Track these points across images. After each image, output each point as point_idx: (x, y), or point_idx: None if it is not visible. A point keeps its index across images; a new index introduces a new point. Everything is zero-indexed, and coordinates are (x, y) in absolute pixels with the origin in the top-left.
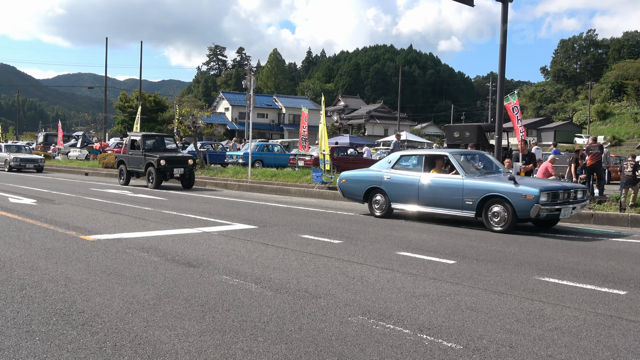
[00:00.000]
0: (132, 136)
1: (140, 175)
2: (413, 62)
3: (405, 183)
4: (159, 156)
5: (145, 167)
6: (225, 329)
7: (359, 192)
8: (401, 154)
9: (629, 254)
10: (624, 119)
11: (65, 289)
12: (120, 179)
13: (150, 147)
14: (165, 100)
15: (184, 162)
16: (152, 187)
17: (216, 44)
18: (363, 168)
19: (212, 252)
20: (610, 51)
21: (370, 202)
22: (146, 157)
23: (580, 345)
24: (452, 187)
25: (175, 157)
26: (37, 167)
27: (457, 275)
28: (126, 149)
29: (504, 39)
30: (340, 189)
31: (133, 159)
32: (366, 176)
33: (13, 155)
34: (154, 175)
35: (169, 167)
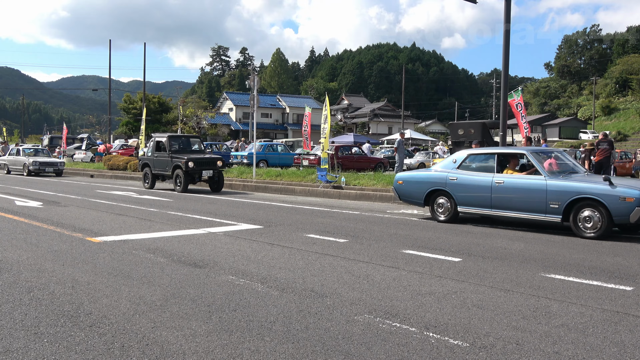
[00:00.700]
0: (157, 137)
1: (166, 178)
2: (416, 59)
3: (475, 184)
4: (186, 158)
5: (172, 169)
6: (232, 329)
7: (419, 195)
8: (469, 152)
9: (635, 250)
10: (629, 114)
11: (73, 291)
12: (145, 183)
13: (176, 149)
14: (169, 102)
15: (213, 163)
16: (179, 190)
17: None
18: (420, 169)
19: (218, 253)
20: (614, 46)
21: (432, 205)
22: (173, 159)
23: (587, 342)
24: (533, 188)
25: (203, 158)
26: (56, 170)
27: (463, 273)
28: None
29: (507, 36)
30: (396, 191)
31: (158, 162)
32: (428, 177)
33: (32, 159)
34: (181, 178)
35: (197, 170)
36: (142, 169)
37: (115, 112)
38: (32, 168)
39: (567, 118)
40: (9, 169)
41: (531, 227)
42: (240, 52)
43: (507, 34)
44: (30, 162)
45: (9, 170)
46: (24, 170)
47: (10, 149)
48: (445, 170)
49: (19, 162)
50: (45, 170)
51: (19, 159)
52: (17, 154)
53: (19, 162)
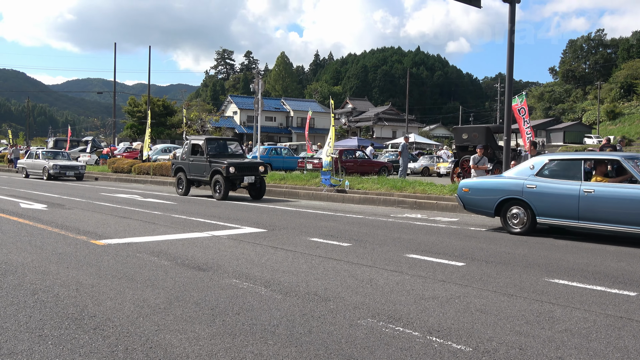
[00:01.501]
0: (194, 140)
1: (202, 184)
2: (421, 63)
3: (559, 193)
4: (227, 162)
5: (211, 175)
6: (236, 332)
7: (489, 204)
8: (549, 157)
9: (639, 255)
10: (634, 119)
11: (77, 294)
12: (179, 189)
13: (214, 153)
14: (174, 105)
15: (255, 168)
16: (219, 197)
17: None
18: (487, 175)
19: (222, 256)
20: (619, 51)
21: (505, 216)
22: (212, 163)
23: (590, 347)
24: (632, 199)
25: (245, 163)
26: (77, 174)
27: (466, 278)
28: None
29: (511, 40)
30: (462, 200)
31: (194, 166)
32: (500, 185)
33: (52, 163)
34: (221, 184)
35: (239, 175)
36: (175, 174)
37: (119, 115)
38: (52, 172)
39: (572, 123)
40: (27, 173)
41: (534, 232)
42: (245, 56)
43: (511, 36)
44: (50, 165)
45: (27, 174)
46: (43, 174)
47: (29, 152)
48: (521, 178)
49: (38, 165)
50: (66, 174)
51: (38, 163)
52: (36, 157)
53: (38, 165)
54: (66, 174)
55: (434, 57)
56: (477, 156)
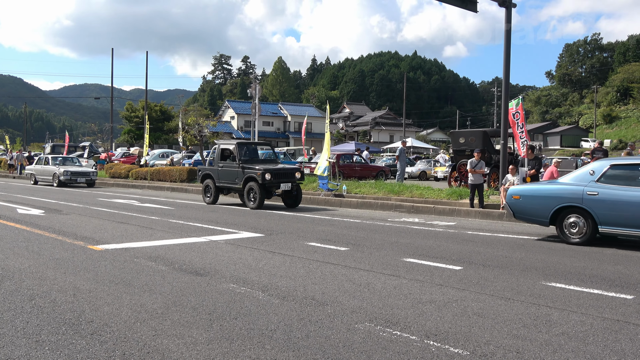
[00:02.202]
0: (223, 145)
1: (232, 191)
2: (418, 68)
3: (626, 201)
4: (263, 168)
5: (244, 182)
6: (233, 337)
7: (543, 213)
8: (611, 162)
9: (636, 258)
10: (631, 122)
11: (74, 299)
12: (206, 197)
13: (247, 158)
14: (171, 110)
15: (292, 174)
16: (253, 206)
17: (221, 53)
18: (539, 181)
19: (219, 261)
20: (615, 54)
21: (561, 225)
22: (245, 170)
23: (587, 350)
24: None
25: (282, 169)
26: (89, 181)
27: (464, 281)
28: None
29: (507, 44)
30: (512, 208)
31: (225, 173)
32: (555, 192)
33: (63, 169)
34: (256, 192)
35: (275, 182)
36: (202, 181)
37: (117, 120)
38: (63, 178)
39: (569, 126)
40: (36, 179)
41: (532, 235)
42: (242, 61)
43: (507, 40)
44: (61, 171)
45: (36, 180)
46: (53, 181)
47: (38, 157)
48: (580, 184)
49: (47, 171)
50: (77, 180)
51: (47, 169)
52: (45, 163)
53: (47, 171)
54: (77, 181)
55: (431, 62)
56: (475, 160)
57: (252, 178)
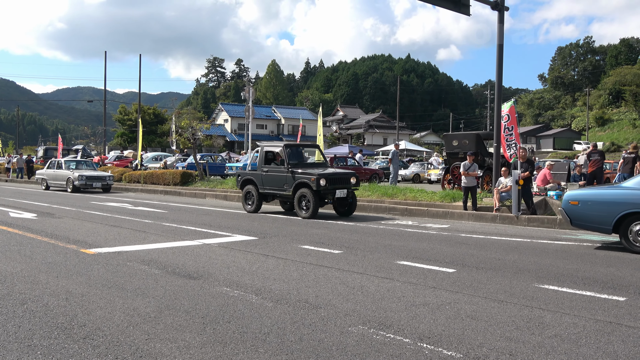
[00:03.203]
0: (268, 147)
1: (277, 198)
2: (411, 71)
3: None
4: (317, 173)
5: (294, 188)
6: (226, 340)
7: (605, 220)
8: None
9: (628, 260)
10: (623, 125)
11: (67, 303)
12: (247, 204)
13: (295, 162)
14: (165, 113)
15: (347, 180)
16: (306, 215)
17: (215, 56)
18: (599, 186)
19: (213, 264)
20: (607, 57)
21: (626, 233)
22: (295, 175)
23: (580, 352)
24: None
25: (337, 174)
26: (104, 186)
27: (457, 284)
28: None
29: (500, 47)
30: (569, 214)
31: (270, 178)
32: (620, 197)
33: (77, 173)
34: (310, 199)
35: (330, 189)
36: (242, 187)
37: (110, 123)
38: (77, 183)
39: (561, 129)
40: (48, 185)
41: (525, 237)
42: (236, 64)
43: (500, 44)
44: (75, 176)
45: (47, 185)
46: (67, 186)
47: (50, 161)
48: None
49: (60, 176)
50: (92, 185)
51: (60, 173)
52: (57, 167)
53: (60, 176)
54: (92, 186)
55: (424, 65)
56: (468, 163)
57: (304, 184)
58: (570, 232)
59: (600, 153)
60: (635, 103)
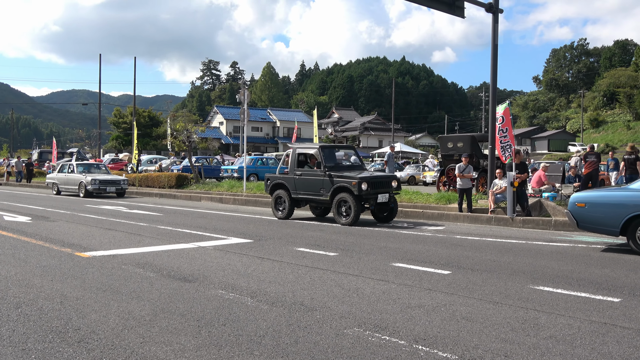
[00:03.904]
0: (301, 149)
1: (311, 203)
2: (406, 73)
3: None
4: (358, 177)
5: (332, 193)
6: (221, 343)
7: (613, 222)
8: None
9: (622, 261)
10: (617, 127)
11: (61, 307)
12: (278, 210)
13: (331, 164)
14: (160, 116)
15: (388, 184)
16: (347, 222)
17: (210, 59)
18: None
19: (208, 267)
20: (601, 59)
21: (634, 235)
22: (334, 178)
23: (575, 353)
24: None
25: (379, 177)
26: (119, 190)
27: (452, 286)
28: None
29: (494, 49)
30: (576, 217)
31: (304, 182)
32: (628, 198)
33: (90, 177)
34: (351, 205)
35: (372, 193)
36: (272, 192)
37: (105, 126)
38: (91, 188)
39: (556, 131)
40: (59, 189)
41: (520, 239)
42: (231, 66)
43: (494, 46)
44: (88, 180)
45: (59, 190)
46: (79, 191)
47: (60, 165)
48: None
49: (72, 181)
50: (106, 190)
51: (72, 177)
52: (69, 170)
53: (72, 181)
54: (106, 190)
55: (419, 67)
56: (463, 165)
57: (344, 188)
58: (565, 233)
59: (597, 155)
60: (630, 105)
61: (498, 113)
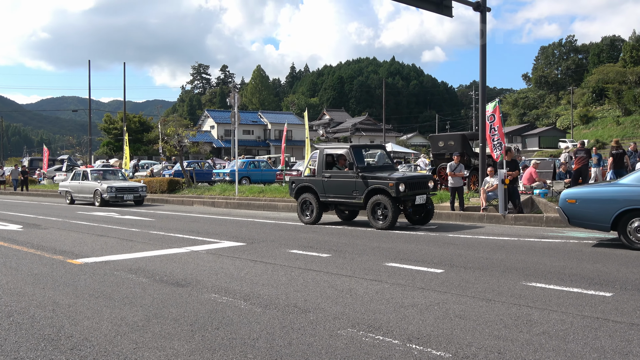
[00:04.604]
0: (329, 149)
1: (342, 207)
2: (396, 73)
3: None
4: (395, 177)
5: (366, 195)
6: (215, 347)
7: (604, 217)
8: None
9: (614, 256)
10: (607, 122)
11: (53, 314)
12: (305, 215)
13: (363, 165)
14: (150, 121)
15: (425, 185)
16: (383, 226)
17: (200, 63)
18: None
19: (201, 271)
20: (590, 56)
21: (625, 230)
22: (367, 180)
23: (568, 348)
24: None
25: (415, 177)
26: (137, 198)
27: (445, 284)
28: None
29: (483, 48)
30: (567, 212)
31: (334, 184)
32: (619, 194)
33: (106, 185)
34: (389, 207)
35: (410, 195)
36: (297, 196)
37: (95, 132)
38: (107, 196)
39: (546, 128)
40: (73, 198)
41: (512, 235)
42: (221, 70)
43: (483, 45)
44: (104, 188)
45: (72, 199)
46: (94, 199)
47: (74, 171)
48: None
49: (87, 188)
50: (123, 198)
51: (86, 185)
52: (83, 178)
53: (87, 188)
54: (124, 198)
55: (409, 67)
56: (454, 163)
57: (380, 190)
58: (557, 229)
59: (586, 151)
60: (618, 100)
61: (488, 111)
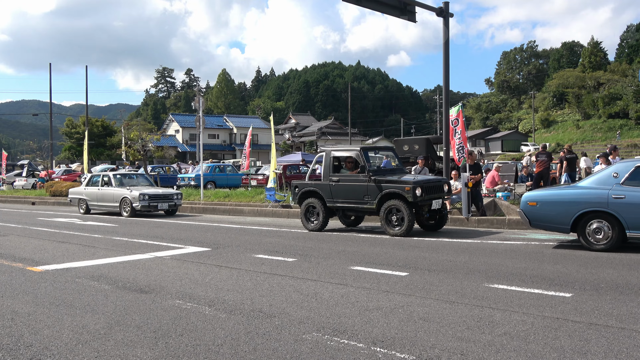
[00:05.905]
0: (337, 152)
1: (351, 212)
2: (362, 77)
3: None
4: (412, 181)
5: (379, 200)
6: (179, 354)
7: (564, 219)
8: (636, 164)
9: (574, 257)
10: (567, 126)
11: (12, 323)
12: (310, 222)
13: (374, 168)
14: (114, 125)
15: (441, 189)
16: (400, 232)
17: (164, 66)
18: (555, 186)
19: (165, 277)
20: (550, 61)
21: (584, 231)
22: (381, 184)
23: (529, 349)
24: None
25: (431, 181)
26: (171, 207)
27: (410, 287)
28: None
29: (446, 53)
30: (528, 215)
31: (343, 188)
32: (577, 196)
33: (138, 192)
34: (405, 213)
35: (426, 199)
36: (300, 201)
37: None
38: (139, 205)
39: (509, 132)
40: (89, 207)
41: (475, 237)
42: (186, 74)
43: (446, 49)
44: (135, 196)
45: (88, 208)
46: (122, 209)
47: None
48: (604, 187)
49: (109, 196)
50: (157, 207)
51: (110, 192)
52: (104, 183)
53: (109, 196)
54: (157, 207)
55: (375, 71)
56: (419, 167)
57: (395, 195)
58: (518, 232)
59: (548, 154)
60: (578, 104)
61: (452, 115)
